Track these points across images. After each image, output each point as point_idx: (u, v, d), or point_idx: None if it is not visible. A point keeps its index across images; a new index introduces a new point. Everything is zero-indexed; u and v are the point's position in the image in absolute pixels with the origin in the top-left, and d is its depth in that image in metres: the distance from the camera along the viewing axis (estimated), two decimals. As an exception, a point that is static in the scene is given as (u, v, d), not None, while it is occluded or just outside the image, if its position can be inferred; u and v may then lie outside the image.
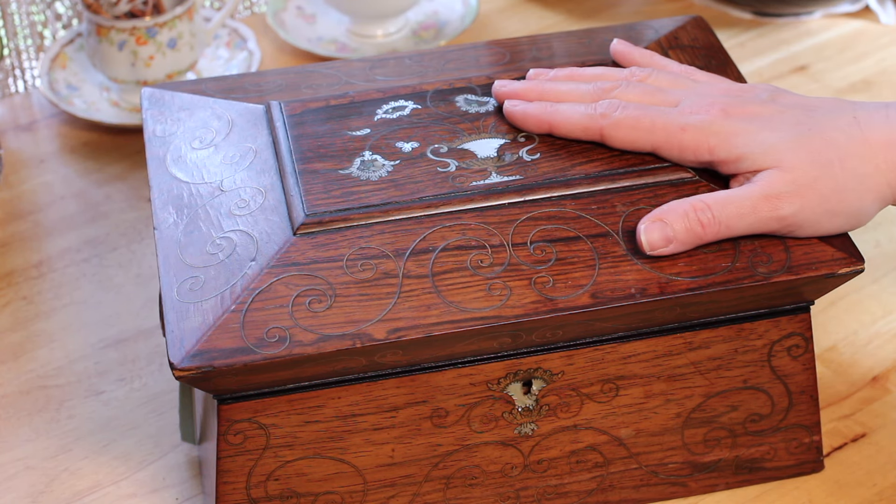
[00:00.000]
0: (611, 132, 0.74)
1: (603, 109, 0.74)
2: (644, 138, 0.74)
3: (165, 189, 0.76)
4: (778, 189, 0.71)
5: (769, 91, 0.75)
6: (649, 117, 0.74)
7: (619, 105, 0.74)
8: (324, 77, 0.83)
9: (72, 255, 0.97)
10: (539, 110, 0.76)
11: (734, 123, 0.72)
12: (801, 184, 0.71)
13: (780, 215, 0.71)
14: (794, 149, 0.71)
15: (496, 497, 0.77)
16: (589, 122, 0.75)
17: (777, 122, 0.72)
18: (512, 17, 1.20)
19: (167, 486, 0.82)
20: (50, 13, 1.18)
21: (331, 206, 0.72)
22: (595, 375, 0.75)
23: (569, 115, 0.75)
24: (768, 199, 0.71)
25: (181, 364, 0.67)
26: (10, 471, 0.83)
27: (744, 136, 0.72)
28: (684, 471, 0.79)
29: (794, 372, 0.77)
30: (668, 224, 0.70)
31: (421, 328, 0.69)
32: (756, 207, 0.71)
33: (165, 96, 0.82)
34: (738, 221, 0.71)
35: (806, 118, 0.73)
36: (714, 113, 0.73)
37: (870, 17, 1.19)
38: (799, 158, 0.71)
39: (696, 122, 0.73)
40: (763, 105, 0.74)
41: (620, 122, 0.74)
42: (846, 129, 0.72)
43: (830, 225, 0.72)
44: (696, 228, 0.71)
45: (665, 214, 0.71)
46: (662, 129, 0.73)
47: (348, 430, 0.73)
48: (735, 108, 0.73)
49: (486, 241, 0.71)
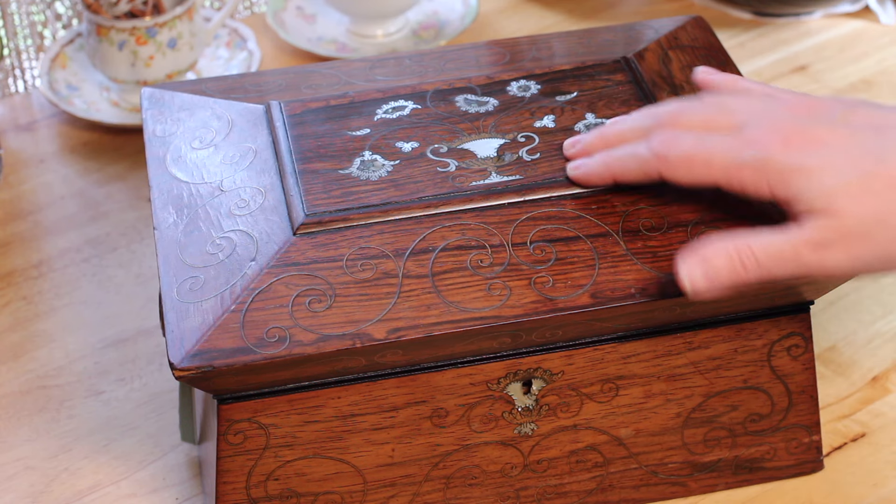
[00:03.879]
0: (669, 174, 0.70)
1: (657, 148, 0.70)
2: (703, 175, 0.69)
3: (165, 189, 0.76)
4: (825, 238, 0.66)
5: (844, 107, 0.69)
6: (705, 153, 0.69)
7: (673, 139, 0.70)
8: (324, 77, 0.83)
9: (72, 255, 0.97)
10: (598, 166, 0.72)
11: (794, 158, 0.67)
12: (853, 234, 0.65)
13: (825, 264, 0.66)
14: (852, 194, 0.65)
15: (496, 497, 0.77)
16: (646, 166, 0.70)
17: (841, 154, 0.67)
18: (512, 17, 1.20)
19: (167, 486, 0.82)
20: (50, 13, 1.18)
21: (331, 206, 0.72)
22: (595, 375, 0.75)
23: (626, 164, 0.71)
24: (814, 248, 0.66)
25: (181, 364, 0.67)
26: (10, 471, 0.83)
27: (800, 177, 0.66)
28: (684, 471, 0.79)
29: (794, 372, 0.77)
30: (711, 264, 0.67)
31: (421, 328, 0.69)
32: (799, 255, 0.66)
33: (165, 96, 0.82)
34: (780, 268, 0.67)
35: (876, 145, 0.66)
36: (773, 145, 0.67)
37: (870, 17, 1.19)
38: (855, 206, 0.65)
39: (752, 160, 0.67)
40: (831, 129, 0.67)
41: (676, 162, 0.69)
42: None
43: (885, 269, 0.67)
44: (740, 271, 0.67)
45: (708, 255, 0.67)
46: (720, 167, 0.68)
47: (348, 429, 0.73)
48: (798, 135, 0.67)
49: (485, 241, 0.71)
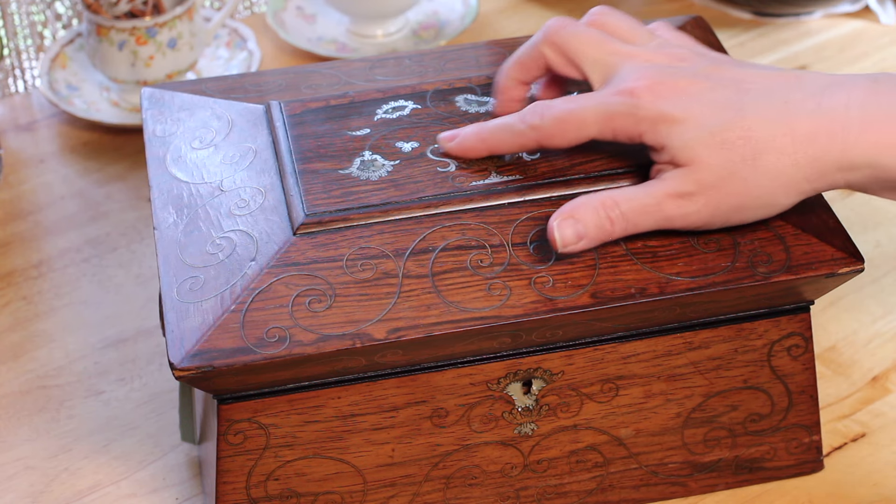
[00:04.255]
0: (547, 142, 0.72)
1: (529, 118, 0.72)
2: (581, 135, 0.72)
3: (165, 189, 0.76)
4: (683, 188, 0.70)
5: (710, 62, 0.72)
6: (576, 113, 0.71)
7: (543, 108, 0.72)
8: (324, 77, 0.83)
9: (72, 255, 0.97)
10: (472, 137, 0.74)
11: (661, 104, 0.70)
12: (708, 184, 0.69)
13: (684, 212, 0.70)
14: (708, 147, 0.69)
15: (496, 497, 0.77)
16: (522, 137, 0.73)
17: (704, 106, 0.70)
18: (512, 17, 1.21)
19: (167, 486, 0.82)
20: (50, 13, 1.18)
21: (331, 206, 0.72)
22: (595, 375, 0.75)
23: (501, 136, 0.73)
24: (673, 198, 0.70)
25: (181, 364, 0.67)
26: (10, 471, 0.83)
27: (667, 125, 0.70)
28: (684, 471, 0.79)
29: (794, 372, 0.77)
30: (580, 220, 0.69)
31: (421, 328, 0.69)
32: (661, 205, 0.70)
33: (165, 96, 0.82)
34: (644, 218, 0.70)
35: (734, 101, 0.70)
36: (641, 91, 0.70)
37: (870, 17, 1.19)
38: (711, 157, 0.69)
39: (623, 108, 0.70)
40: (695, 79, 0.71)
41: (550, 130, 0.72)
42: (772, 118, 0.69)
43: (738, 218, 0.71)
44: (606, 225, 0.70)
45: (576, 211, 0.69)
46: (593, 122, 0.71)
47: (348, 429, 0.73)
48: (663, 84, 0.70)
49: (485, 241, 0.71)
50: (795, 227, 0.73)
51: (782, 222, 0.73)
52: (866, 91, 0.69)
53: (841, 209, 0.99)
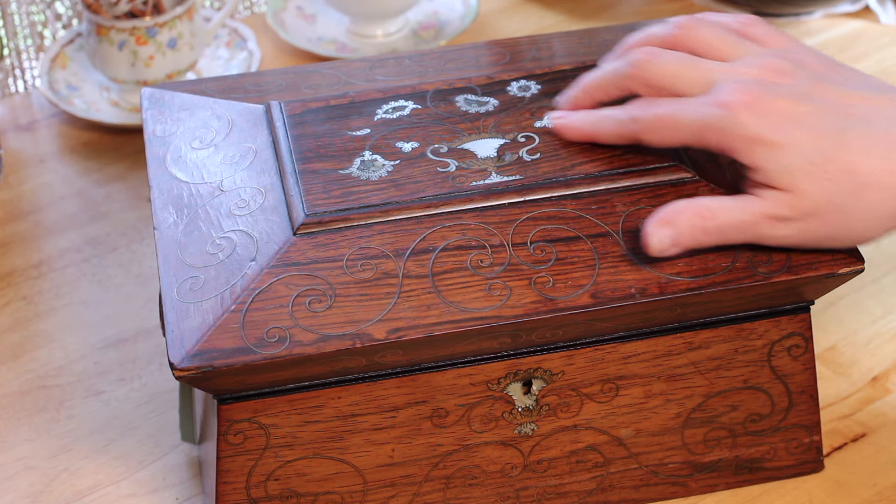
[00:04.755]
0: (643, 136, 0.73)
1: (632, 111, 0.73)
2: (675, 137, 0.72)
3: (165, 189, 0.76)
4: (782, 212, 0.69)
5: (813, 81, 0.71)
6: (673, 116, 0.71)
7: (647, 105, 0.73)
8: (324, 77, 0.83)
9: (72, 255, 0.97)
10: (580, 122, 0.75)
11: (759, 126, 0.69)
12: (807, 211, 0.69)
13: (778, 235, 0.70)
14: (809, 176, 0.69)
15: (496, 497, 0.77)
16: (622, 127, 0.74)
17: (805, 133, 0.69)
18: (512, 17, 1.20)
19: (167, 486, 0.82)
20: (50, 13, 1.18)
21: (331, 206, 0.72)
22: (595, 375, 0.75)
23: (605, 125, 0.74)
24: (770, 220, 0.70)
25: (181, 364, 0.67)
26: (10, 471, 0.83)
27: (765, 149, 0.69)
28: (684, 471, 0.79)
29: (794, 372, 0.77)
30: (677, 228, 0.70)
31: (421, 328, 0.69)
32: (757, 225, 0.70)
33: (165, 96, 0.82)
34: (735, 233, 0.70)
35: (836, 130, 0.69)
36: (740, 107, 0.69)
37: (870, 17, 1.19)
38: (812, 186, 0.69)
39: (719, 122, 0.70)
40: (798, 101, 0.70)
41: (647, 125, 0.72)
42: (875, 151, 0.68)
43: (828, 245, 0.71)
44: (700, 235, 0.70)
45: (674, 218, 0.70)
46: (687, 128, 0.71)
47: (348, 430, 0.73)
48: (764, 102, 0.70)
49: (486, 241, 0.71)
50: (795, 227, 0.73)
51: (782, 222, 0.73)
52: None
53: (841, 209, 0.98)
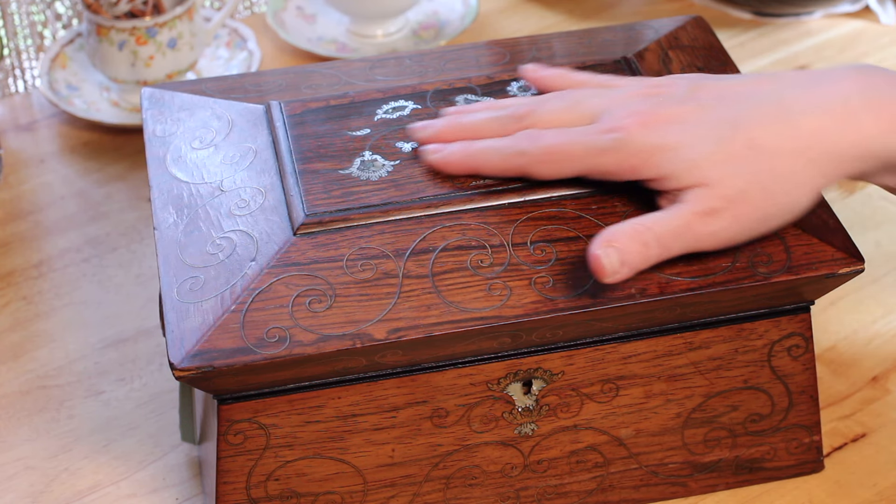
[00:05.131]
0: (531, 169, 0.72)
1: (519, 145, 0.72)
2: (566, 168, 0.71)
3: (165, 189, 0.76)
4: (709, 204, 0.69)
5: (689, 83, 0.72)
6: (565, 146, 0.71)
7: (534, 136, 0.72)
8: (324, 77, 0.83)
9: (72, 255, 0.97)
10: (458, 154, 0.73)
11: (653, 137, 0.70)
12: (731, 197, 0.69)
13: (713, 230, 0.69)
14: (717, 163, 0.69)
15: (496, 497, 0.77)
16: (508, 161, 0.72)
17: (697, 128, 0.70)
18: (512, 17, 1.20)
19: (167, 486, 0.82)
20: (50, 13, 1.18)
21: (331, 206, 0.72)
22: (595, 375, 0.75)
23: (488, 156, 0.73)
24: (701, 217, 0.69)
25: (181, 364, 0.67)
26: (10, 471, 0.83)
27: (664, 153, 0.69)
28: (684, 471, 0.79)
29: (794, 372, 0.77)
30: (621, 248, 0.68)
31: (421, 328, 0.69)
32: (690, 226, 0.69)
33: (165, 96, 0.82)
34: (675, 241, 0.69)
35: (728, 116, 0.70)
36: (631, 127, 0.70)
37: (870, 17, 1.19)
38: (723, 173, 0.69)
39: (611, 144, 0.70)
40: (682, 105, 0.71)
41: (538, 157, 0.71)
42: (773, 123, 0.69)
43: (766, 228, 0.71)
44: (643, 249, 0.69)
45: (614, 239, 0.68)
46: (580, 156, 0.71)
47: (348, 430, 0.73)
48: (652, 115, 0.70)
49: (486, 241, 0.71)
50: (796, 227, 0.73)
51: (782, 222, 0.73)
52: (857, 81, 0.70)
53: (841, 209, 0.99)
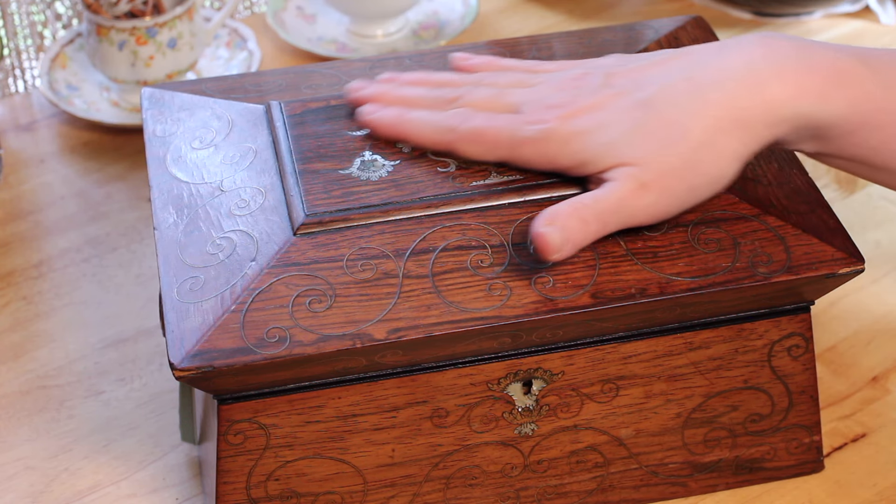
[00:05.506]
0: (458, 146, 0.74)
1: (451, 122, 0.74)
2: (490, 152, 0.74)
3: (165, 189, 0.76)
4: (639, 178, 0.70)
5: (603, 71, 0.74)
6: (492, 131, 0.73)
7: (465, 116, 0.74)
8: (324, 77, 0.83)
9: (72, 255, 0.97)
10: (393, 118, 0.76)
11: (572, 126, 0.72)
12: (656, 172, 0.70)
13: (646, 203, 0.70)
14: (632, 141, 0.70)
15: (496, 497, 0.77)
16: (438, 134, 0.74)
17: (613, 113, 0.71)
18: (512, 17, 1.20)
19: (167, 486, 0.82)
20: (50, 13, 1.18)
21: (331, 207, 0.72)
22: (595, 375, 0.75)
23: (420, 126, 0.75)
24: (633, 192, 0.70)
25: (181, 364, 0.67)
26: (10, 471, 0.83)
27: (579, 140, 0.71)
28: (684, 471, 0.79)
29: (795, 372, 0.77)
30: (562, 225, 0.69)
31: (421, 328, 0.69)
32: (624, 201, 0.70)
33: (165, 96, 0.82)
34: (612, 217, 0.70)
35: (642, 98, 0.71)
36: (551, 120, 0.72)
37: (870, 17, 1.19)
38: (640, 149, 0.70)
39: (533, 134, 0.72)
40: (597, 94, 0.73)
41: (465, 136, 0.74)
42: (682, 99, 0.70)
43: (696, 198, 0.71)
44: (584, 226, 0.70)
45: (555, 217, 0.70)
46: (506, 143, 0.73)
47: (349, 430, 0.73)
48: (571, 106, 0.72)
49: (486, 241, 0.71)
50: (796, 227, 0.73)
51: (782, 222, 0.73)
52: (761, 48, 0.71)
53: (841, 209, 0.99)
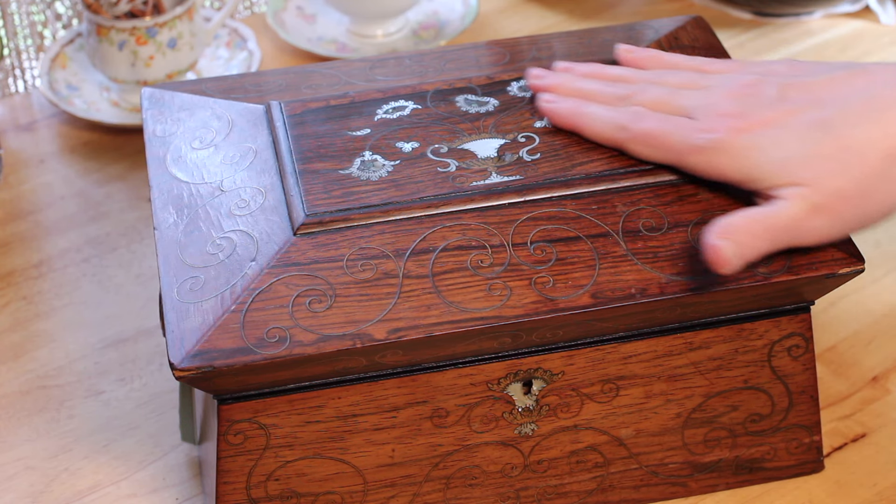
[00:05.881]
0: (629, 145, 0.74)
1: (624, 120, 0.74)
2: (659, 155, 0.74)
3: (165, 189, 0.76)
4: (807, 204, 0.69)
5: (779, 82, 0.73)
6: (664, 135, 0.73)
7: (638, 116, 0.74)
8: (324, 77, 0.83)
9: (72, 255, 0.97)
10: (570, 111, 0.77)
11: (745, 140, 0.71)
12: (826, 196, 0.69)
13: (817, 226, 0.70)
14: (807, 162, 0.70)
15: (496, 497, 0.77)
16: (611, 131, 0.75)
17: (789, 131, 0.70)
18: (512, 17, 1.21)
19: (167, 486, 0.82)
20: (50, 13, 1.18)
21: (331, 206, 0.72)
22: (595, 375, 0.75)
23: (594, 121, 0.76)
24: (804, 214, 0.70)
25: (181, 364, 0.67)
26: (10, 471, 0.83)
27: (752, 155, 0.71)
28: (684, 471, 0.79)
29: (795, 372, 0.77)
30: (738, 242, 0.69)
31: (421, 328, 0.69)
32: (799, 221, 0.70)
33: (165, 96, 0.82)
34: (783, 235, 0.70)
35: (819, 118, 0.70)
36: (723, 130, 0.71)
37: (870, 17, 1.19)
38: (814, 171, 0.69)
39: (706, 144, 0.72)
40: (773, 108, 0.72)
41: (637, 137, 0.74)
42: (863, 124, 0.70)
43: (864, 226, 0.71)
44: (755, 242, 0.69)
45: (731, 232, 0.69)
46: (676, 149, 0.73)
47: (349, 430, 0.73)
48: (745, 118, 0.72)
49: (486, 241, 0.71)
50: (796, 227, 0.73)
51: (783, 222, 0.73)
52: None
53: (841, 209, 0.98)
